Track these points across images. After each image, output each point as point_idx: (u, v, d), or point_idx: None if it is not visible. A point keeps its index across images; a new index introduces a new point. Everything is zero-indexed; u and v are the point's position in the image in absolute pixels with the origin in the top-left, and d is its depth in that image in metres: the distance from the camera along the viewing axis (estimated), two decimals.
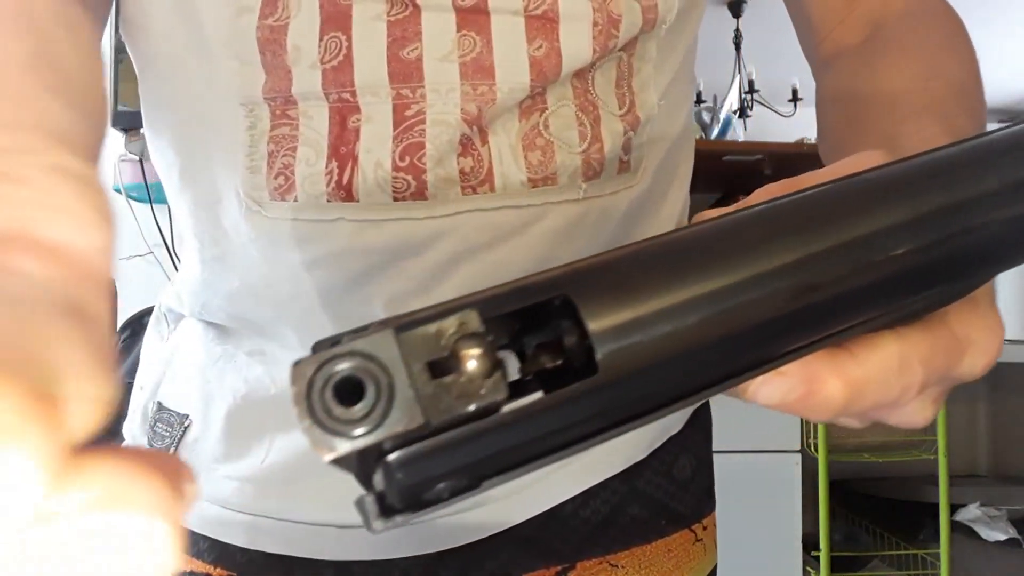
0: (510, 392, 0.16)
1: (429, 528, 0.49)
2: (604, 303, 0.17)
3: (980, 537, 2.04)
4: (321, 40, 0.42)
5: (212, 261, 0.49)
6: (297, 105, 0.43)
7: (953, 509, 1.98)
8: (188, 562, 0.51)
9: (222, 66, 0.43)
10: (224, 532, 0.50)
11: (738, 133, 3.23)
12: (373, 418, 0.14)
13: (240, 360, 0.51)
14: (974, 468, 2.33)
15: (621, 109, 0.47)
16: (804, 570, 1.88)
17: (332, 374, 0.14)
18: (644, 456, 0.53)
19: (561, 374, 0.18)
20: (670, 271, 0.18)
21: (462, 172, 0.44)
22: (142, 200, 1.75)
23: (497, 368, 0.15)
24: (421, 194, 0.43)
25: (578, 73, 0.45)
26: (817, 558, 1.85)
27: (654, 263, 0.18)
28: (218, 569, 0.50)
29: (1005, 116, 4.24)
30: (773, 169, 2.06)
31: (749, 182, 2.07)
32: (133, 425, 0.55)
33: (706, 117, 3.06)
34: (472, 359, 0.15)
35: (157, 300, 0.60)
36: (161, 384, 0.55)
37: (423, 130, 0.43)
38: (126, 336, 1.33)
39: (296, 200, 0.43)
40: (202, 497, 0.50)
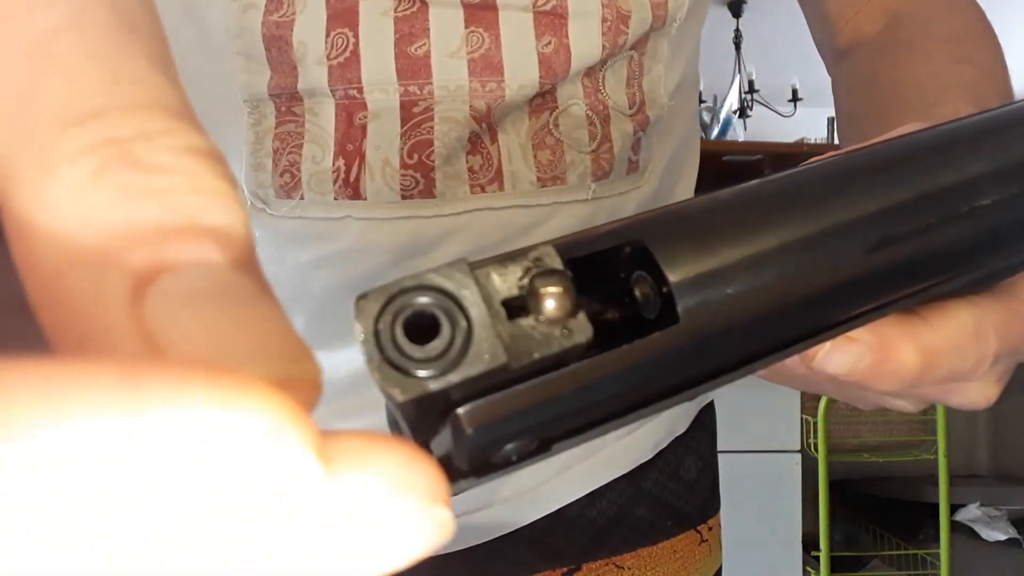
0: (593, 336, 0.14)
1: None
2: (682, 250, 0.16)
3: (980, 537, 2.04)
4: (328, 36, 0.42)
5: None
6: (303, 102, 0.43)
7: (953, 509, 1.98)
8: None
9: (227, 62, 0.43)
10: None
11: (738, 133, 3.23)
12: (449, 358, 0.13)
13: None
14: (974, 468, 2.33)
15: (631, 109, 0.47)
16: (804, 570, 1.88)
17: (402, 309, 0.13)
18: (650, 457, 0.53)
19: (638, 327, 0.16)
20: (750, 218, 0.17)
21: (471, 170, 0.43)
22: None
23: (580, 309, 0.14)
24: (429, 192, 0.43)
25: (589, 72, 0.45)
26: (817, 558, 1.85)
27: (733, 210, 0.18)
28: None
29: None
30: (773, 169, 2.03)
31: None
32: None
33: (706, 117, 3.06)
34: (552, 298, 0.14)
35: None
36: None
37: (431, 127, 0.42)
38: None
39: (302, 198, 0.43)
40: None
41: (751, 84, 3.44)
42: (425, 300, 0.13)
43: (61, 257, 0.09)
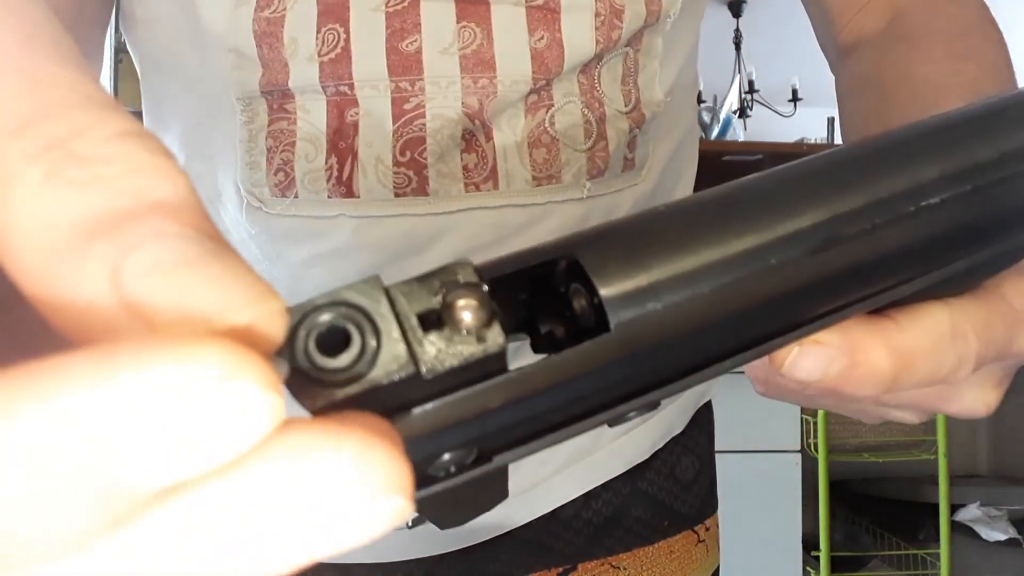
0: (506, 344, 0.14)
1: (431, 531, 0.48)
2: (613, 261, 0.16)
3: (980, 537, 2.04)
4: (319, 32, 0.42)
5: None
6: (295, 99, 0.43)
7: (953, 509, 1.98)
8: None
9: (219, 60, 0.43)
10: None
11: (738, 133, 3.22)
12: (359, 368, 0.13)
13: None
14: (974, 468, 2.33)
15: (627, 106, 0.46)
16: (804, 570, 1.88)
17: (315, 324, 0.13)
18: (646, 457, 0.52)
19: (574, 340, 0.16)
20: (683, 230, 0.17)
21: (465, 168, 0.43)
22: None
23: (495, 318, 0.14)
24: (423, 190, 0.43)
25: (584, 69, 0.45)
26: (817, 558, 1.85)
27: (667, 222, 0.18)
28: None
29: None
30: None
31: None
32: None
33: (706, 117, 3.06)
34: (466, 310, 0.14)
35: None
36: None
37: (423, 124, 0.42)
38: None
39: (296, 196, 0.43)
40: None
41: (751, 84, 3.44)
42: (337, 313, 0.13)
43: (41, 257, 0.10)
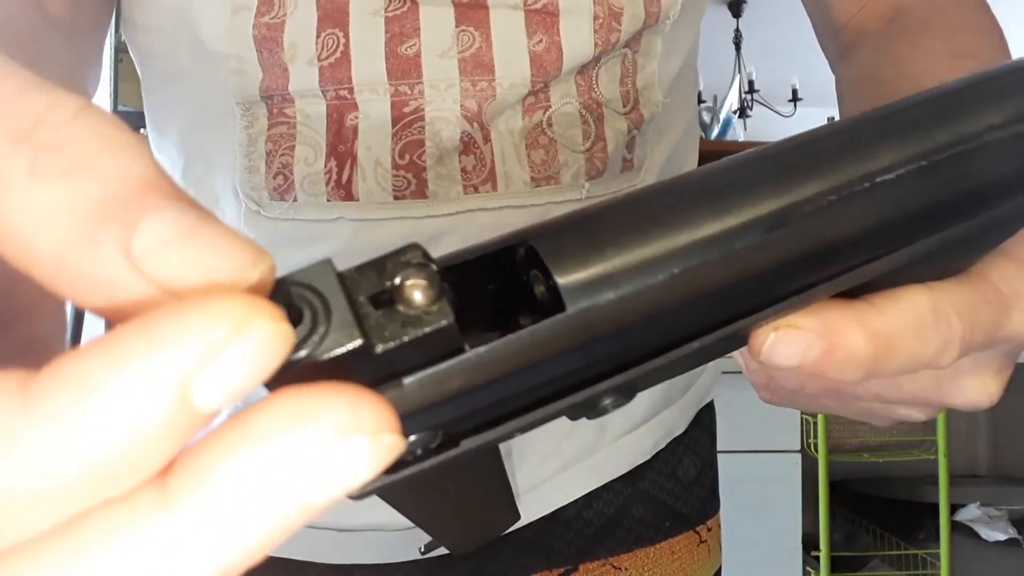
0: (466, 320, 0.15)
1: None
2: (565, 244, 0.17)
3: (980, 537, 2.04)
4: (318, 37, 0.42)
5: None
6: (294, 103, 0.43)
7: (953, 509, 1.98)
8: None
9: (219, 64, 0.43)
10: None
11: (738, 133, 3.23)
12: (311, 343, 0.13)
13: None
14: (974, 468, 2.33)
15: (625, 107, 0.46)
16: (804, 570, 1.88)
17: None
18: (648, 458, 0.52)
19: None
20: (639, 214, 0.18)
21: (464, 170, 0.43)
22: None
23: (443, 296, 0.14)
24: (422, 192, 0.43)
25: (582, 70, 0.45)
26: (817, 558, 1.85)
27: (624, 208, 0.18)
28: None
29: None
30: None
31: None
32: None
33: (706, 117, 3.06)
34: (415, 289, 0.14)
35: None
36: None
37: (422, 127, 0.42)
38: None
39: (296, 200, 0.43)
40: None
41: (751, 84, 3.44)
42: (289, 295, 0.14)
43: (54, 250, 0.11)
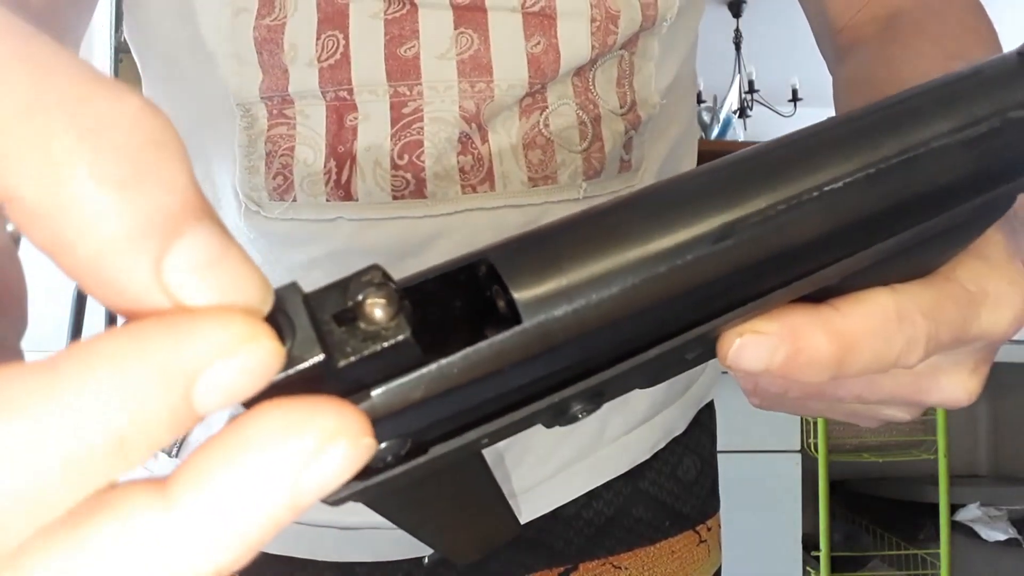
0: (415, 333, 0.16)
1: None
2: (524, 262, 0.18)
3: (980, 537, 2.04)
4: (318, 39, 0.42)
5: None
6: (294, 104, 0.43)
7: (953, 509, 1.98)
8: None
9: (220, 66, 0.43)
10: None
11: (738, 133, 3.23)
12: None
13: None
14: (974, 468, 2.33)
15: (622, 108, 0.47)
16: (804, 570, 1.88)
17: None
18: (648, 457, 0.53)
19: None
20: (594, 231, 0.18)
21: (462, 170, 0.43)
22: None
23: (401, 312, 0.15)
24: (420, 192, 0.43)
25: (579, 71, 0.45)
26: (817, 558, 1.85)
27: (580, 226, 0.19)
28: None
29: None
30: None
31: None
32: None
33: (706, 117, 3.06)
34: (375, 307, 0.15)
35: None
36: None
37: (421, 128, 0.43)
38: None
39: (295, 200, 0.43)
40: None
41: (751, 84, 3.45)
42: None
43: (94, 252, 0.12)
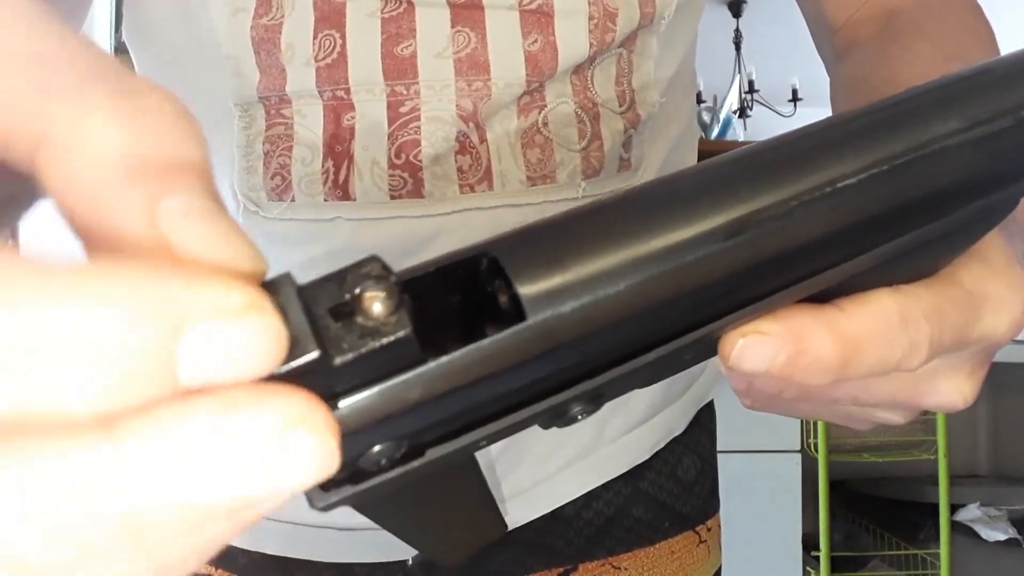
0: (429, 332, 0.15)
1: None
2: (530, 255, 0.17)
3: (980, 537, 2.04)
4: (315, 38, 0.42)
5: None
6: (291, 104, 0.43)
7: (953, 509, 1.98)
8: None
9: (217, 66, 0.43)
10: None
11: (738, 133, 3.23)
12: None
13: None
14: (974, 468, 2.33)
15: (621, 107, 0.46)
16: (804, 570, 1.88)
17: None
18: (647, 457, 0.53)
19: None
20: (599, 225, 0.18)
21: (460, 170, 0.43)
22: None
23: (401, 307, 0.14)
24: (418, 192, 0.43)
25: (577, 70, 0.45)
26: (817, 558, 1.85)
27: (585, 219, 0.18)
28: (219, 571, 0.50)
29: None
30: None
31: None
32: None
33: (706, 117, 3.06)
34: (374, 300, 0.14)
35: None
36: None
37: (418, 127, 0.42)
38: None
39: (293, 200, 0.43)
40: None
41: (751, 84, 3.44)
42: None
43: (92, 187, 0.13)
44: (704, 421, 0.58)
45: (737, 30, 3.42)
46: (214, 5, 0.42)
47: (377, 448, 0.16)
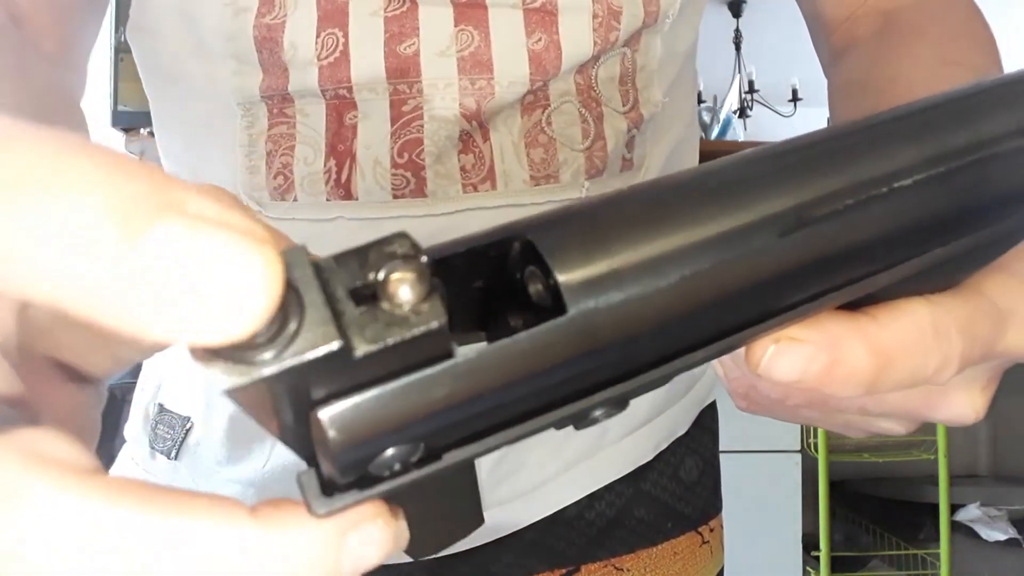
0: (450, 320, 0.13)
1: None
2: (569, 241, 0.15)
3: (980, 537, 2.04)
4: (318, 37, 0.42)
5: None
6: (294, 103, 0.43)
7: (953, 509, 1.98)
8: None
9: (221, 66, 0.43)
10: None
11: (738, 133, 3.23)
12: (280, 342, 0.12)
13: None
14: (974, 468, 2.33)
15: (625, 106, 0.46)
16: (804, 570, 1.88)
17: None
18: (650, 458, 0.52)
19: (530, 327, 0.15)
20: (646, 210, 0.16)
21: (463, 169, 0.43)
22: None
23: (434, 292, 0.13)
24: (421, 191, 0.43)
25: (581, 69, 0.45)
26: (817, 558, 1.85)
27: (629, 203, 0.16)
28: None
29: None
30: None
31: None
32: (135, 426, 0.54)
33: (706, 117, 3.06)
34: (403, 284, 0.13)
35: None
36: (162, 386, 0.54)
37: (421, 126, 0.42)
38: None
39: (296, 200, 0.43)
40: None
41: (751, 84, 3.45)
42: None
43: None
44: (706, 422, 0.57)
45: (737, 30, 3.42)
46: (217, 5, 0.42)
47: (391, 451, 0.14)
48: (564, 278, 0.15)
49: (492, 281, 0.16)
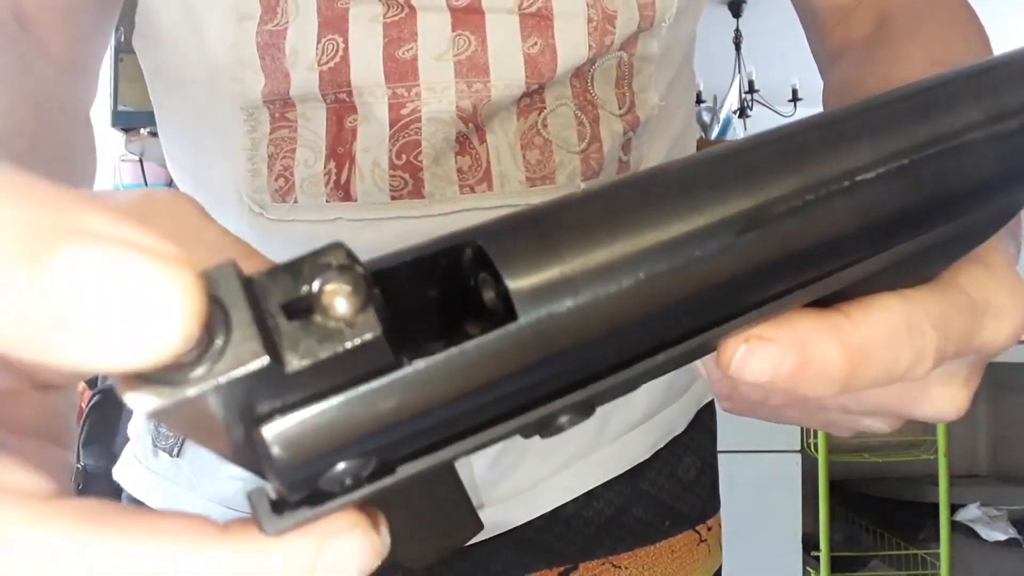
0: (406, 331, 0.13)
1: None
2: (520, 245, 0.15)
3: (980, 537, 2.04)
4: (319, 43, 0.43)
5: None
6: (295, 107, 0.44)
7: (953, 509, 1.98)
8: None
9: (224, 72, 0.44)
10: None
11: (738, 133, 3.23)
12: (207, 361, 0.12)
13: None
14: (974, 468, 2.33)
15: (621, 109, 0.47)
16: (804, 570, 1.88)
17: None
18: (648, 457, 0.53)
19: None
20: (596, 212, 0.16)
21: (460, 170, 0.44)
22: None
23: (370, 304, 0.12)
24: (419, 192, 0.43)
25: (577, 72, 0.45)
26: (817, 558, 1.85)
27: (581, 207, 0.16)
28: None
29: None
30: None
31: None
32: (137, 425, 0.55)
33: (706, 117, 3.06)
34: (338, 295, 0.12)
35: None
36: None
37: (418, 128, 0.43)
38: None
39: (296, 201, 0.44)
40: (206, 497, 0.50)
41: (751, 84, 3.45)
42: None
43: None
44: (705, 421, 0.58)
45: (737, 30, 3.42)
46: (221, 13, 0.43)
47: (341, 466, 0.14)
48: (515, 284, 0.14)
49: (448, 290, 0.16)
